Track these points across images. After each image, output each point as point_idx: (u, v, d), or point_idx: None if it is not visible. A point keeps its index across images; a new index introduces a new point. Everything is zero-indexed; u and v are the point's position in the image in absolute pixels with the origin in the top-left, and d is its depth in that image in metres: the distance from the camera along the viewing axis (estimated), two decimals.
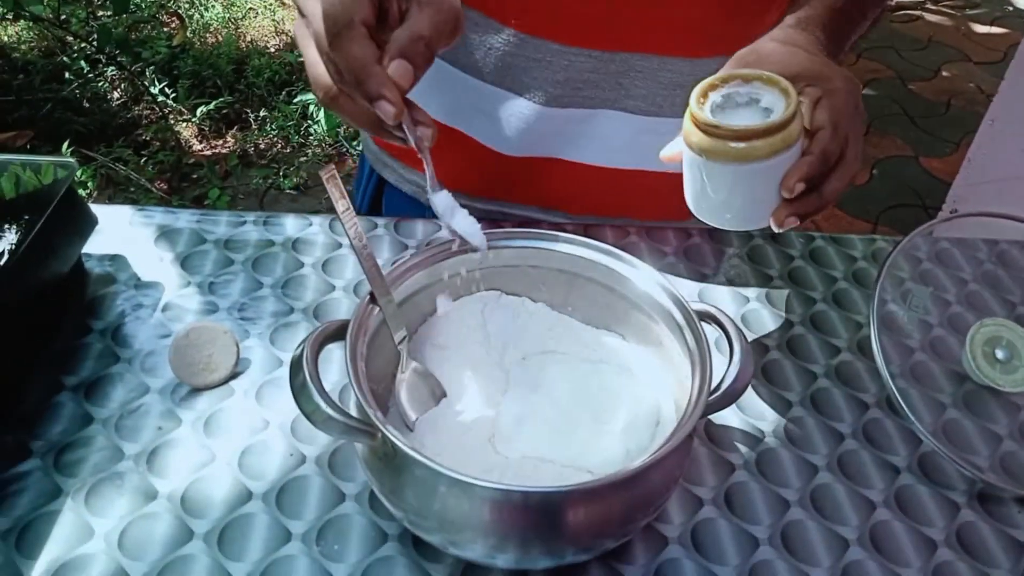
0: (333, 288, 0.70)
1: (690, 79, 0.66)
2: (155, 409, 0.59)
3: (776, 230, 0.55)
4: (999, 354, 0.65)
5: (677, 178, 0.57)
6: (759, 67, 0.54)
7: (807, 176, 0.52)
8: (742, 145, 0.51)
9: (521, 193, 0.80)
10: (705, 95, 0.53)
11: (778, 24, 0.60)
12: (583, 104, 0.72)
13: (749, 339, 0.58)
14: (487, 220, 0.76)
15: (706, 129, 0.52)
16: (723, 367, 0.53)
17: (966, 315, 0.72)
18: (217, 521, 0.52)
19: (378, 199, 0.90)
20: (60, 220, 0.62)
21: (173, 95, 2.41)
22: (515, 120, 0.74)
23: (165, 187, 2.16)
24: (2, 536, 0.50)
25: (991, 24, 3.36)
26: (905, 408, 0.59)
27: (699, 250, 0.76)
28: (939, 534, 0.55)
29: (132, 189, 2.09)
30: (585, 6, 0.67)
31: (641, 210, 0.80)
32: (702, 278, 0.74)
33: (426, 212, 0.83)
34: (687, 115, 0.53)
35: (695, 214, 0.57)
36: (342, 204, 0.51)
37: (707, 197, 0.55)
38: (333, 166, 0.51)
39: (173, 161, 2.23)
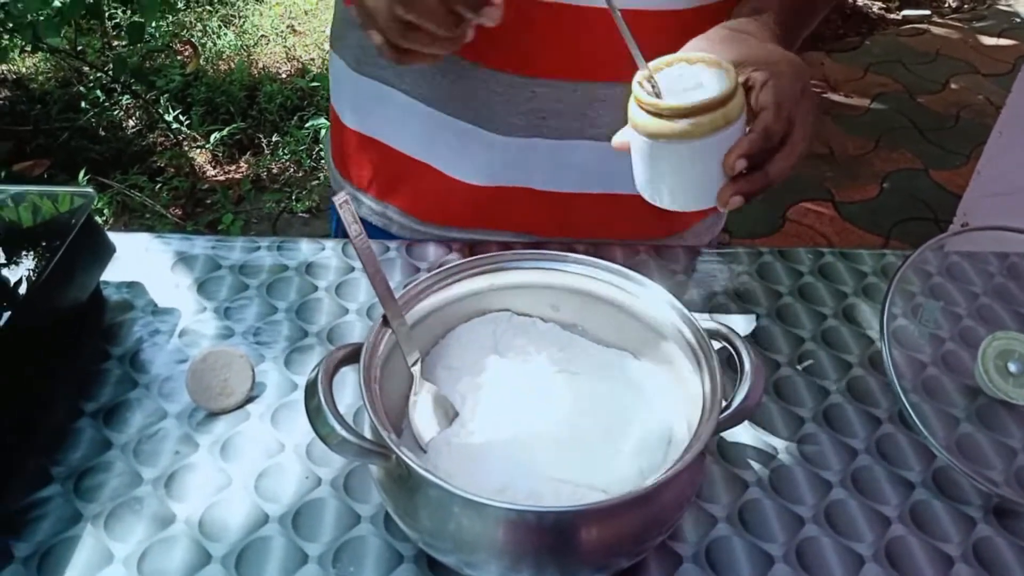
0: (346, 311, 0.71)
1: None
2: (173, 434, 0.60)
3: (721, 209, 0.56)
4: (1012, 367, 0.65)
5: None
6: (707, 52, 0.56)
7: (747, 152, 0.53)
8: (684, 123, 0.52)
9: (493, 220, 0.80)
10: (649, 79, 0.54)
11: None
12: (548, 135, 0.72)
13: (760, 356, 0.58)
14: (466, 246, 0.77)
15: (650, 110, 0.53)
16: (734, 385, 0.53)
17: (978, 329, 0.72)
18: (234, 544, 0.53)
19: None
20: (79, 249, 0.63)
21: (187, 122, 2.44)
22: (481, 152, 0.74)
23: (180, 213, 2.18)
24: (24, 562, 0.51)
25: (999, 36, 3.36)
26: (918, 423, 0.59)
27: (708, 269, 0.77)
28: (955, 549, 0.55)
29: (147, 215, 2.11)
30: (545, 38, 0.68)
31: (612, 230, 0.80)
32: (712, 296, 0.74)
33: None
34: (631, 99, 0.55)
35: (645, 197, 0.58)
36: (355, 229, 0.51)
37: (655, 179, 0.56)
38: (345, 193, 0.52)
39: (187, 187, 2.25)
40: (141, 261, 0.75)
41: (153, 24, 2.60)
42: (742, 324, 0.71)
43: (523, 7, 0.64)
